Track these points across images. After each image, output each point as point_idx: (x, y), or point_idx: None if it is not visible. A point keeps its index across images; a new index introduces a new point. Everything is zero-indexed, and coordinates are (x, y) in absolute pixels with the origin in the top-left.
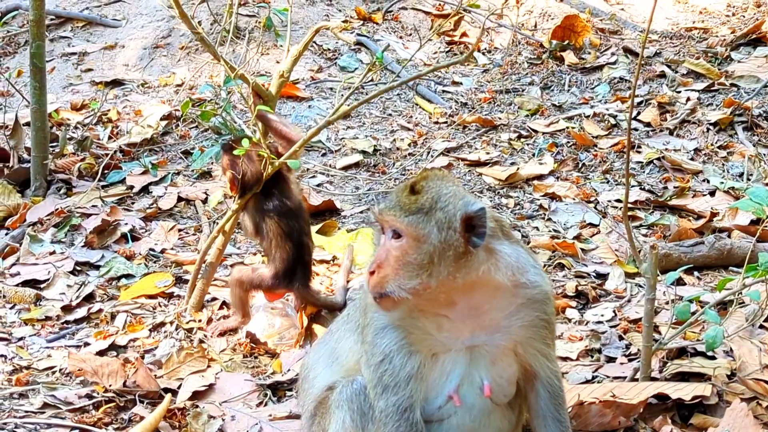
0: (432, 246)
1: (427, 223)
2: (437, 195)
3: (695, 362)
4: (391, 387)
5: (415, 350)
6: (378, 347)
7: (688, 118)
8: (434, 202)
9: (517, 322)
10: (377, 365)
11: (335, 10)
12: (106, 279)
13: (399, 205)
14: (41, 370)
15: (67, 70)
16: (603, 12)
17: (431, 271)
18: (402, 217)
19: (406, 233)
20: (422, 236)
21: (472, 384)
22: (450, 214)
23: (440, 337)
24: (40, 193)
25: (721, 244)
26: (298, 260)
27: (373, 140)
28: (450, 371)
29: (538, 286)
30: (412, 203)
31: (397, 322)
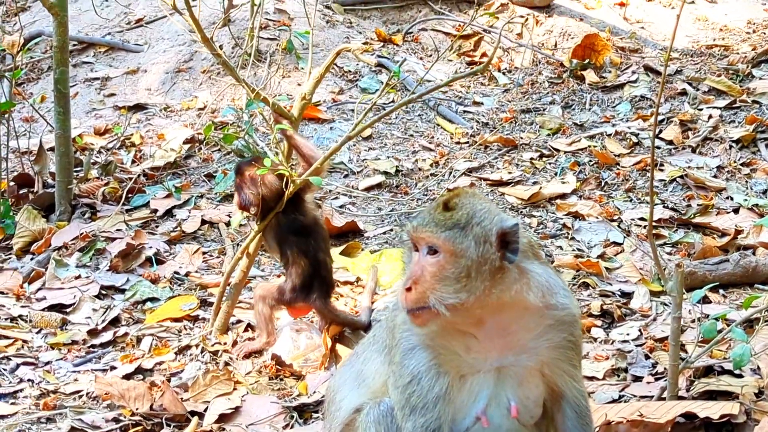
0: (470, 260)
1: (464, 238)
2: (472, 211)
3: (722, 381)
4: (419, 408)
5: (443, 371)
6: (406, 368)
7: (711, 135)
8: (470, 218)
9: (544, 343)
10: (405, 386)
11: (355, 32)
12: (132, 302)
13: (434, 221)
14: (68, 394)
15: (90, 95)
16: (623, 30)
17: (469, 285)
18: (439, 232)
19: (443, 248)
20: (460, 251)
21: (499, 405)
22: (486, 229)
23: (468, 358)
24: (65, 218)
25: (746, 262)
26: (315, 275)
27: (395, 161)
28: (478, 392)
29: (567, 308)
30: (447, 219)
31: (427, 342)
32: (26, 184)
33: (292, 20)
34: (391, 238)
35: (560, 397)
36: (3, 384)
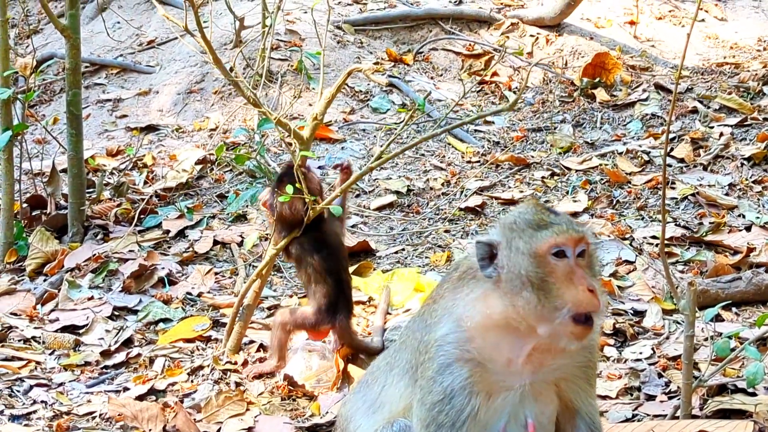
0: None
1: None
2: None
3: (736, 399)
4: (446, 427)
5: (476, 390)
6: (439, 384)
7: (722, 153)
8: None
9: (570, 361)
10: (435, 404)
11: (366, 52)
12: (144, 323)
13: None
14: (81, 415)
15: (102, 116)
16: (633, 49)
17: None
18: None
19: (590, 248)
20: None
21: (517, 422)
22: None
23: (505, 374)
24: (78, 239)
25: (758, 280)
26: (340, 295)
27: (406, 180)
28: (502, 410)
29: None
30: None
31: (467, 357)
32: (39, 205)
33: (303, 41)
34: (403, 258)
35: (575, 413)
36: (16, 405)
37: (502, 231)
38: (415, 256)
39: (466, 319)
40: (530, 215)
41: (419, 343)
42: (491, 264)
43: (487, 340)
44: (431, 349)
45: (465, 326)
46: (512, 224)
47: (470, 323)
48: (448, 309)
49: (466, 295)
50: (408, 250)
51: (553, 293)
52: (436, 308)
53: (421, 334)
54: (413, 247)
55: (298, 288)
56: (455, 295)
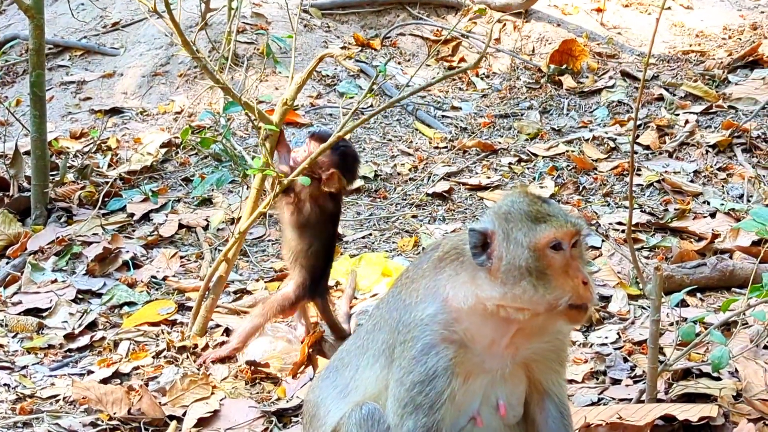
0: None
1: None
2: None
3: (701, 383)
4: (424, 408)
5: (458, 372)
6: (422, 365)
7: (687, 140)
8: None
9: (544, 344)
10: (415, 384)
11: (333, 37)
12: (109, 307)
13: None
14: (45, 398)
15: (65, 98)
16: (600, 36)
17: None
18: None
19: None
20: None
21: (488, 403)
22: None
23: (486, 355)
24: (41, 222)
25: (723, 266)
26: (325, 271)
27: (373, 165)
28: (476, 392)
29: None
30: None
31: (452, 338)
32: (1, 187)
33: (270, 24)
34: (371, 243)
35: (544, 394)
36: None
37: (497, 221)
38: (383, 241)
39: (453, 301)
40: (526, 206)
41: (398, 323)
42: (484, 252)
43: (474, 323)
44: (414, 329)
45: (452, 307)
46: (507, 215)
47: (457, 305)
48: (431, 289)
49: (451, 277)
50: (375, 235)
51: (552, 284)
52: (417, 288)
53: (399, 313)
54: (380, 232)
55: (264, 272)
56: (438, 275)
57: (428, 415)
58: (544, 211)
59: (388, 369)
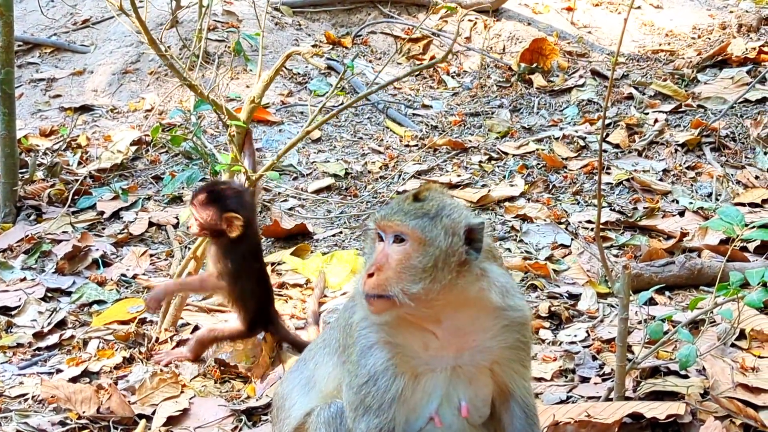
0: (437, 250)
1: (433, 228)
2: (442, 203)
3: (669, 381)
4: (374, 409)
5: (400, 371)
6: (363, 367)
7: (657, 139)
8: (440, 209)
9: (498, 343)
10: (360, 386)
11: (304, 35)
12: (78, 305)
13: (403, 210)
14: (13, 397)
15: (35, 96)
16: (570, 35)
17: (434, 276)
18: (408, 220)
19: (411, 236)
20: (428, 240)
21: (450, 404)
22: (455, 222)
23: (426, 356)
24: (10, 220)
25: (691, 264)
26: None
27: (344, 164)
28: (431, 392)
29: (521, 310)
30: (417, 209)
31: (386, 340)
32: None
33: (241, 22)
34: (341, 241)
35: (509, 396)
36: None
37: None
38: (353, 239)
39: None
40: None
41: (346, 324)
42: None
43: (399, 324)
44: (354, 332)
45: None
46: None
47: None
48: None
49: None
50: (346, 233)
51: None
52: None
53: (348, 314)
54: (351, 230)
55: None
56: None
57: (378, 415)
58: (391, 203)
59: (341, 368)
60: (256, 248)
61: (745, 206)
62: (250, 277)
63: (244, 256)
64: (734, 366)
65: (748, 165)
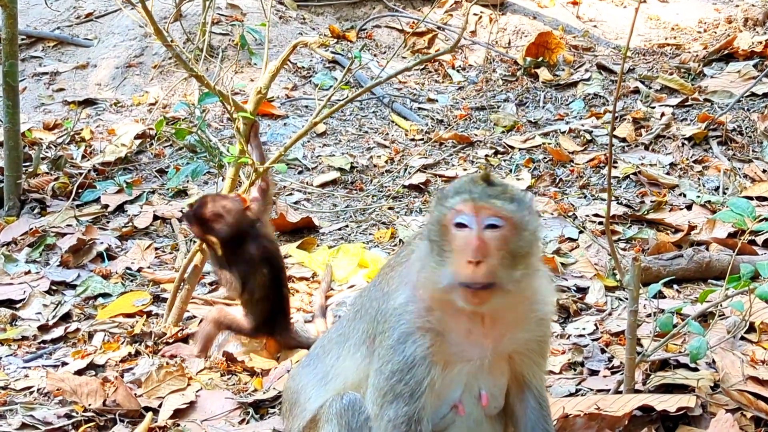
0: (531, 234)
1: (523, 211)
2: (510, 185)
3: (678, 374)
4: (405, 396)
5: (436, 360)
6: (400, 354)
7: (663, 133)
8: (516, 192)
9: (527, 334)
10: (394, 373)
11: (309, 29)
12: (83, 298)
13: (489, 194)
14: (19, 390)
15: (38, 89)
16: (576, 29)
17: (530, 260)
18: (506, 204)
19: (509, 221)
20: (524, 223)
21: (471, 393)
22: (531, 203)
23: (466, 345)
24: (14, 213)
25: (699, 257)
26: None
27: (349, 157)
28: (458, 381)
29: (551, 305)
30: (502, 192)
31: (427, 326)
32: None
33: (245, 15)
34: (347, 234)
35: (525, 386)
36: None
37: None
38: (359, 233)
39: (420, 288)
40: (458, 183)
41: (377, 312)
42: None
43: (445, 311)
44: (391, 318)
45: (421, 295)
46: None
47: (423, 292)
48: (404, 277)
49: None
50: (351, 226)
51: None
52: (394, 276)
53: (378, 303)
54: (357, 223)
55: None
56: (411, 262)
57: (409, 403)
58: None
59: (369, 359)
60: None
61: (753, 200)
62: (261, 284)
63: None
64: (744, 359)
65: (756, 159)
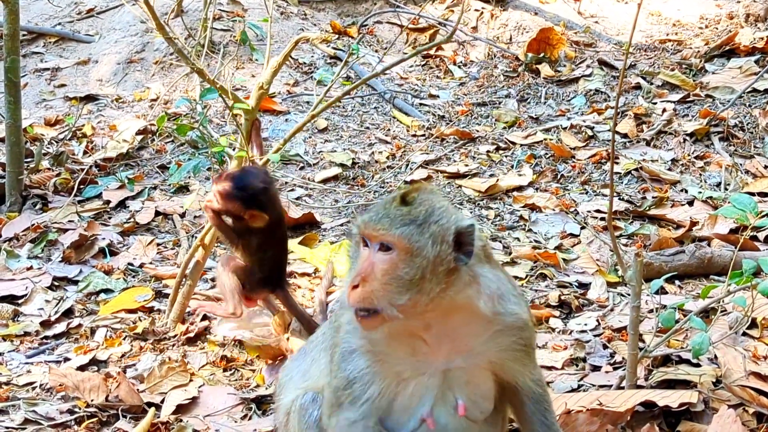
0: (425, 260)
1: (421, 236)
2: (431, 207)
3: (680, 370)
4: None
5: (381, 377)
6: (343, 371)
7: (665, 129)
8: (428, 215)
9: (493, 346)
10: (337, 388)
11: (310, 24)
12: (85, 294)
13: (389, 216)
14: (21, 386)
15: (40, 85)
16: (577, 25)
17: (421, 287)
18: (395, 228)
19: (398, 245)
20: (416, 249)
21: (445, 404)
22: (444, 228)
23: (413, 361)
24: (16, 209)
25: (701, 253)
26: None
27: (351, 153)
28: (422, 394)
29: (516, 314)
30: (404, 215)
31: (367, 348)
32: None
33: (246, 11)
34: (348, 231)
35: (517, 391)
36: None
37: None
38: None
39: None
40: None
41: (336, 323)
42: None
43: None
44: (339, 334)
45: None
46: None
47: None
48: None
49: None
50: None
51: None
52: None
53: (337, 315)
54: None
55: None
56: None
57: (352, 411)
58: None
59: (328, 368)
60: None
61: (755, 196)
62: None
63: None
64: (746, 354)
65: (757, 155)
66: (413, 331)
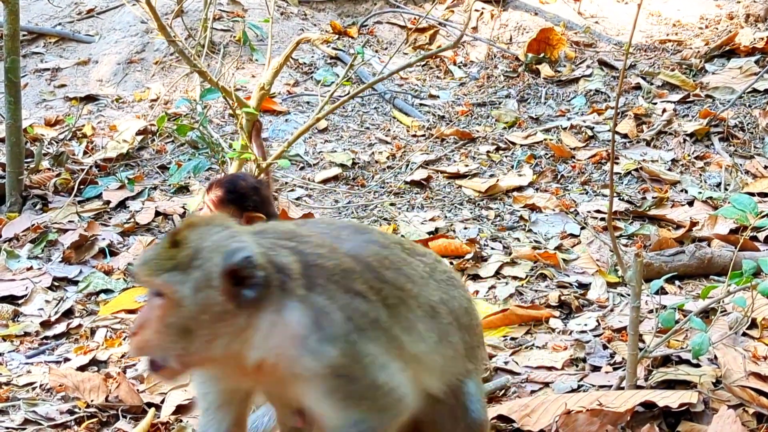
0: (189, 310)
1: (182, 284)
2: (197, 248)
3: (680, 370)
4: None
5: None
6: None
7: (665, 129)
8: (193, 257)
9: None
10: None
11: (310, 24)
12: (85, 294)
13: (156, 260)
14: (21, 386)
15: (40, 86)
16: (577, 25)
17: (198, 335)
18: (156, 275)
19: (164, 292)
20: (178, 298)
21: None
22: (208, 272)
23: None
24: (16, 209)
25: (701, 253)
26: None
27: (351, 154)
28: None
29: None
30: (169, 259)
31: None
32: None
33: (246, 11)
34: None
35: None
36: None
37: None
38: None
39: None
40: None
41: None
42: None
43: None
44: None
45: None
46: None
47: None
48: None
49: None
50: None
51: None
52: None
53: None
54: (359, 219)
55: None
56: None
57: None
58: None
59: None
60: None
61: (755, 196)
62: None
63: None
64: (746, 355)
65: (757, 155)
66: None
